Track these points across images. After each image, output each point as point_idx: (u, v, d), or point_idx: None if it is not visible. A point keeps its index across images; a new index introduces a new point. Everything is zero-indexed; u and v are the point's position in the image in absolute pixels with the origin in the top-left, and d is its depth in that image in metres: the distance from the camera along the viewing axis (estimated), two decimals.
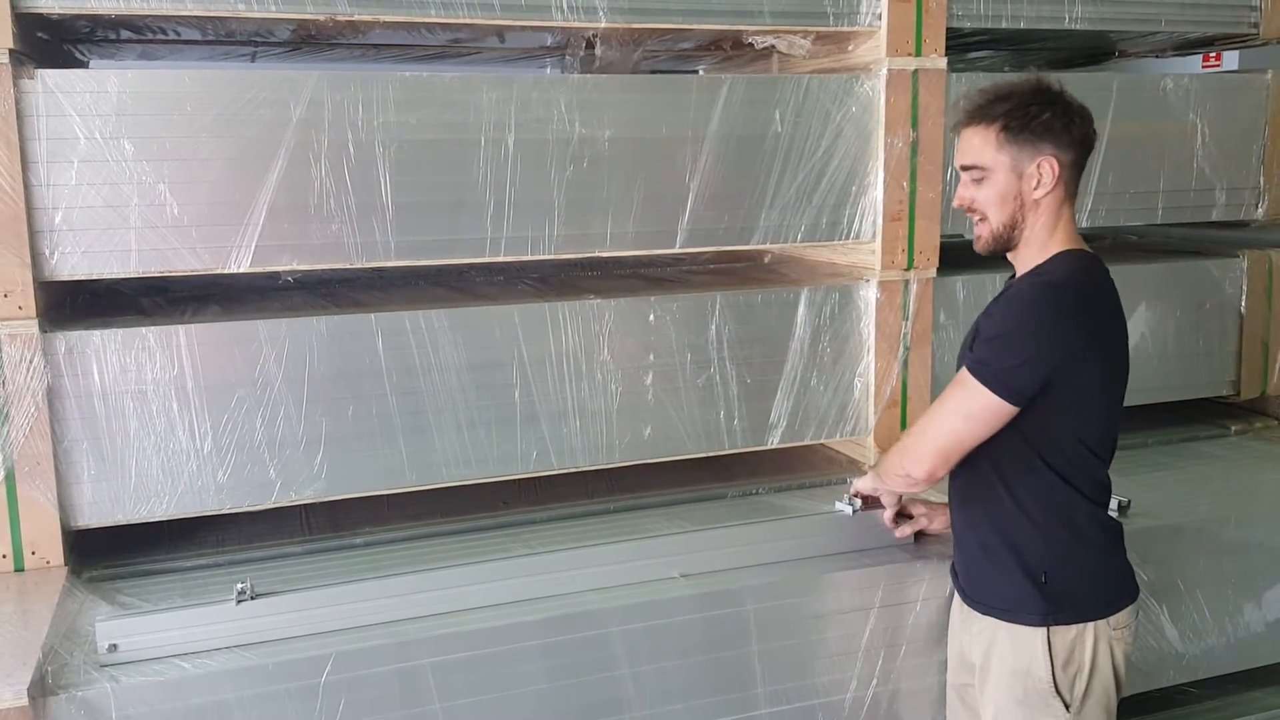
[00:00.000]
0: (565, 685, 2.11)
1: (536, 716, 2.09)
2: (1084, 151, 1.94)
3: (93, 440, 2.25)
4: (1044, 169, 1.89)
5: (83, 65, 3.06)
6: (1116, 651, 1.92)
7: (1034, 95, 1.91)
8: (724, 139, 2.64)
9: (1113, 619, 1.92)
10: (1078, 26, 2.96)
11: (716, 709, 2.21)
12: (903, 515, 2.34)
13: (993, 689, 1.96)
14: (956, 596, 2.13)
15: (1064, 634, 1.90)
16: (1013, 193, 1.90)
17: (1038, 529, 1.92)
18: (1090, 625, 1.90)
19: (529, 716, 2.09)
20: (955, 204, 2.00)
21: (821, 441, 2.93)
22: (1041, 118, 1.88)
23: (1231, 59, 4.68)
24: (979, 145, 1.92)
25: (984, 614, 2.01)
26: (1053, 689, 1.89)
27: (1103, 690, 1.91)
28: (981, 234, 1.96)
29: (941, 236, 2.87)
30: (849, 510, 2.40)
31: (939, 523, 2.29)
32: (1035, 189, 1.90)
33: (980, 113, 1.92)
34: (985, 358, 1.85)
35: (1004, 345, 1.84)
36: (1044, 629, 1.90)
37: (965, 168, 1.95)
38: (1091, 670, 1.89)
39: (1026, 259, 1.96)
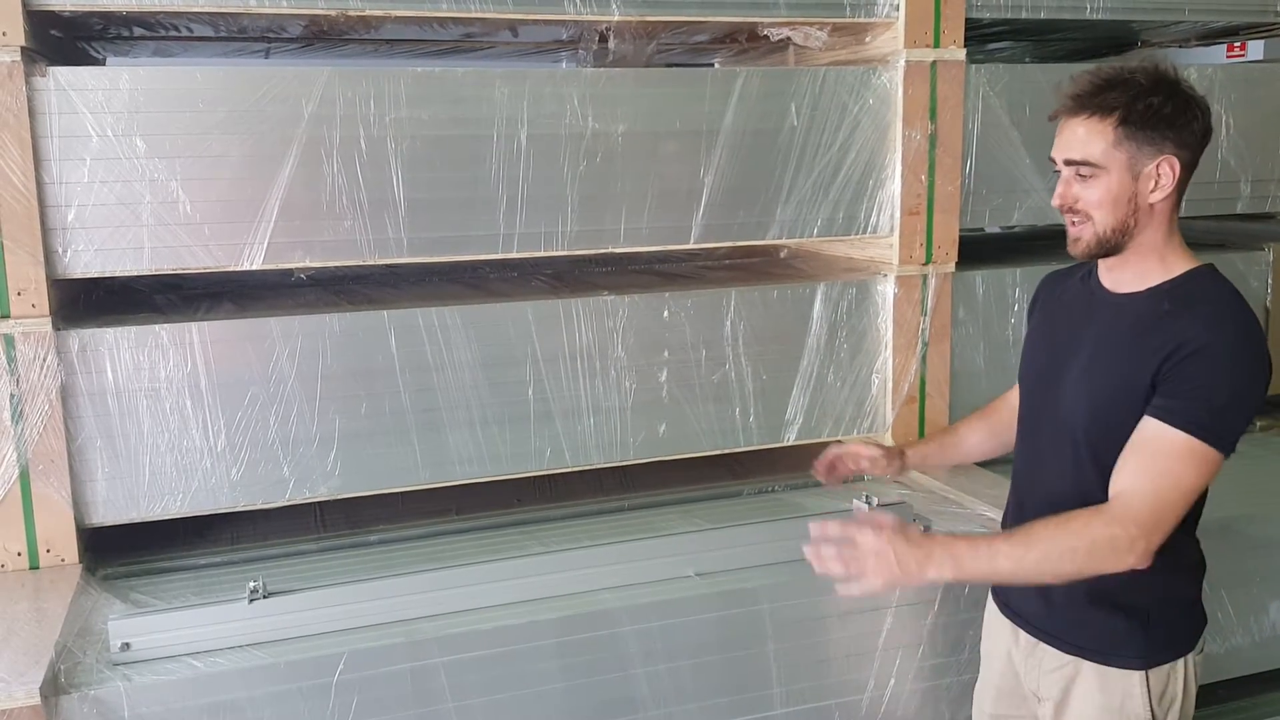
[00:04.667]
0: (579, 684, 2.09)
1: (550, 715, 2.08)
2: (1201, 150, 1.73)
3: (106, 438, 2.25)
4: (1164, 170, 1.67)
5: (98, 63, 3.06)
6: (1196, 674, 1.85)
7: (1155, 84, 1.67)
8: (739, 133, 2.62)
9: (1196, 645, 1.84)
10: (1099, 16, 2.91)
11: (732, 708, 2.19)
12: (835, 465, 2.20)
13: None
14: (1009, 626, 1.95)
15: (1160, 671, 1.80)
16: (1126, 195, 1.68)
17: (1153, 569, 1.74)
18: (1182, 659, 1.81)
19: (542, 716, 2.07)
20: (1055, 202, 1.76)
21: (838, 439, 2.90)
22: (1164, 111, 1.65)
23: (1256, 49, 4.61)
24: (1090, 139, 1.68)
25: (1067, 653, 1.84)
26: None
27: (1187, 715, 1.84)
28: (1082, 236, 1.74)
29: (960, 230, 2.83)
30: (865, 508, 2.37)
31: (888, 468, 2.16)
32: (1152, 191, 1.68)
33: (1092, 101, 1.68)
34: (1209, 423, 1.64)
35: (1227, 406, 1.65)
36: (1143, 671, 1.78)
37: (1071, 163, 1.72)
38: (1183, 698, 1.82)
39: (1142, 271, 1.76)
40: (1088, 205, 1.71)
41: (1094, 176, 1.70)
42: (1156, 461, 1.66)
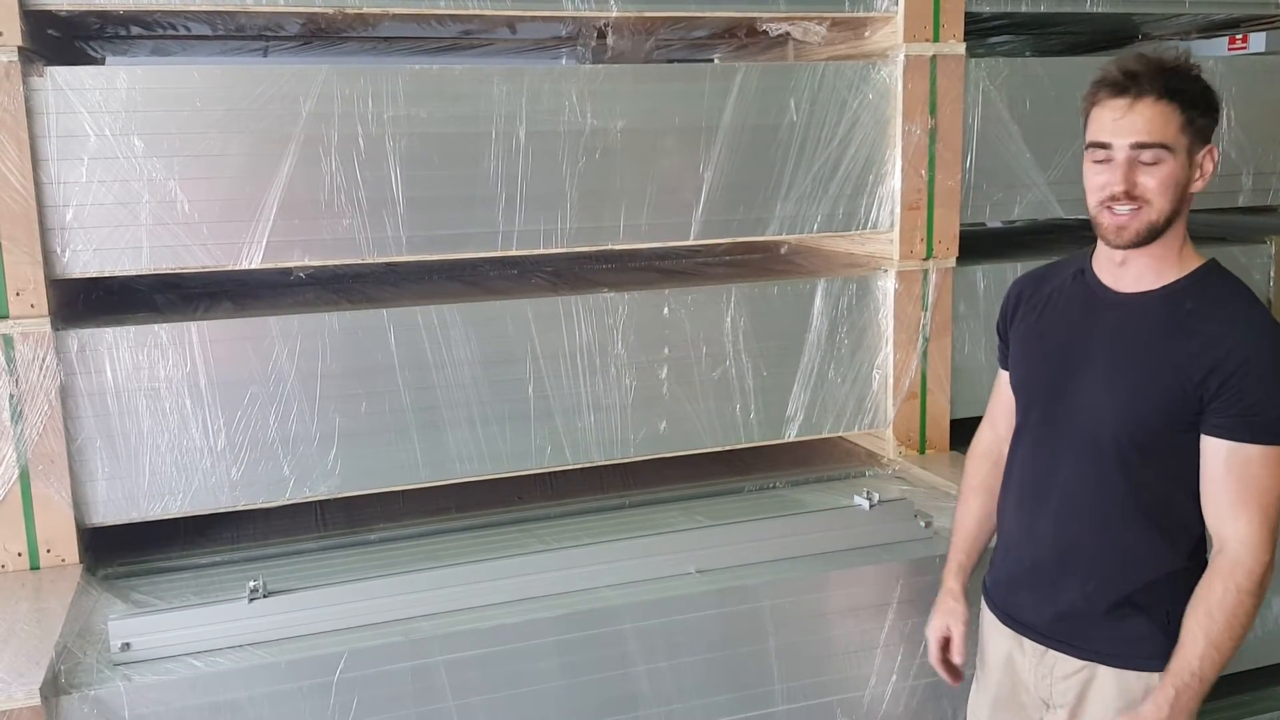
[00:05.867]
0: (580, 682, 2.09)
1: (551, 713, 2.08)
2: None
3: (106, 438, 2.25)
4: (1206, 161, 1.67)
5: (97, 63, 3.06)
6: None
7: (1199, 71, 1.67)
8: (738, 129, 2.61)
9: None
10: (1100, 9, 2.90)
11: (733, 705, 2.19)
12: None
13: None
14: (1009, 634, 1.90)
15: None
16: (1183, 181, 1.65)
17: (1172, 569, 1.74)
18: None
19: (543, 714, 2.07)
20: (1117, 187, 1.65)
21: (840, 434, 2.90)
22: (1216, 104, 1.67)
23: (1258, 41, 4.60)
24: (1161, 121, 1.63)
25: (1082, 658, 1.80)
26: None
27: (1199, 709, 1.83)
28: (1131, 225, 1.66)
29: (961, 225, 2.83)
30: (866, 504, 2.37)
31: (965, 613, 2.01)
32: (1196, 180, 1.67)
33: (1157, 83, 1.63)
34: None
35: None
36: (1163, 672, 1.72)
37: (1141, 146, 1.63)
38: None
39: (1159, 267, 1.72)
40: (1148, 191, 1.65)
41: (1161, 161, 1.64)
42: (1247, 484, 1.65)
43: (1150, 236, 1.69)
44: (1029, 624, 1.88)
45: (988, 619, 1.98)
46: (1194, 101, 1.65)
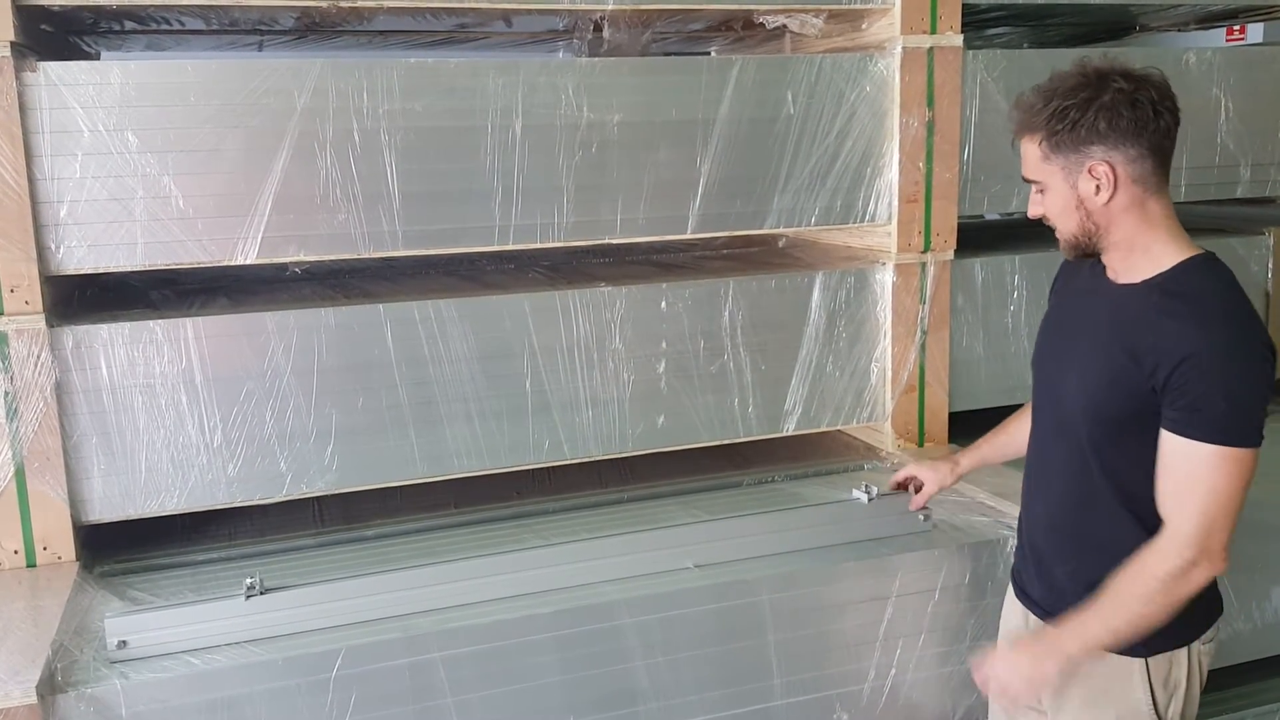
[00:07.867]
0: (578, 678, 2.08)
1: (549, 709, 2.07)
2: (1155, 137, 1.69)
3: (102, 435, 2.24)
4: (1099, 173, 1.70)
5: (91, 58, 3.04)
6: (1205, 663, 1.85)
7: (1073, 90, 1.70)
8: (735, 121, 2.60)
9: (1204, 634, 1.83)
10: (1097, 0, 2.89)
11: (732, 700, 2.18)
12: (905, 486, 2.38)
13: (1076, 713, 1.86)
14: (1021, 609, 1.98)
15: (1161, 659, 1.80)
16: (1072, 203, 1.74)
17: None
18: (1186, 647, 1.81)
19: (542, 709, 2.07)
20: (1029, 215, 1.85)
21: (838, 428, 2.89)
22: (1083, 119, 1.68)
23: (1256, 32, 4.59)
24: (1028, 158, 1.78)
25: None
26: (1153, 714, 1.81)
27: (1192, 701, 1.85)
28: (1060, 240, 1.82)
29: (959, 218, 2.82)
30: (865, 498, 2.37)
31: (944, 478, 2.30)
32: (1096, 195, 1.71)
33: (1025, 121, 1.77)
34: (1227, 424, 1.64)
35: (1237, 403, 1.64)
36: (1143, 658, 1.79)
37: (1026, 180, 1.82)
38: (1187, 684, 1.82)
39: (1131, 264, 1.76)
40: (1050, 215, 1.80)
41: (1043, 191, 1.78)
42: (1189, 478, 1.68)
43: (1077, 251, 1.80)
44: (1031, 597, 1.95)
45: (1009, 593, 2.05)
46: (1051, 131, 1.71)
